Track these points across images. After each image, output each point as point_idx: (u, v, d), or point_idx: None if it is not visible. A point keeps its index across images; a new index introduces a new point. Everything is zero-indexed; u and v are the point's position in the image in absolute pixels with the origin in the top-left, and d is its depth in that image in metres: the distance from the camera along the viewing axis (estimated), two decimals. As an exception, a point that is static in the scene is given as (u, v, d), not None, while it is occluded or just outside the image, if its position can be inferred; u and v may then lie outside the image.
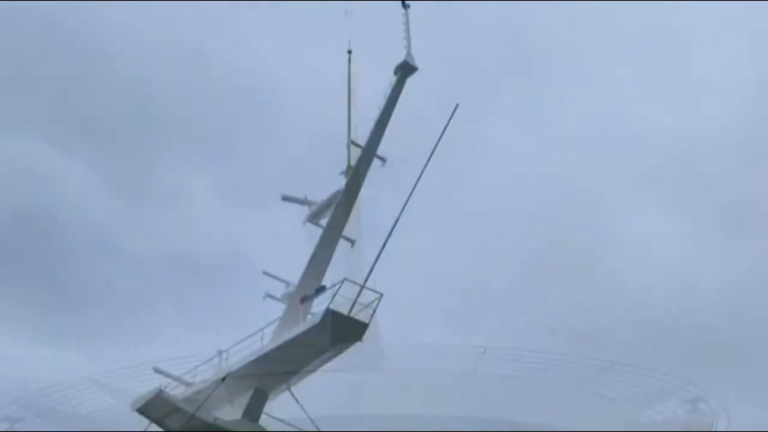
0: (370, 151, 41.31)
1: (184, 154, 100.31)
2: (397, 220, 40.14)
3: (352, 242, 42.92)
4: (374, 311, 39.26)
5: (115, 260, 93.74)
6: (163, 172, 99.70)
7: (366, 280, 39.23)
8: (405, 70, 40.22)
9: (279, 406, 42.55)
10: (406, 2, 40.01)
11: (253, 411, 41.21)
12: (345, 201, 42.01)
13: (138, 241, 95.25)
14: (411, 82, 40.49)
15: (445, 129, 41.50)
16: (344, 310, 38.84)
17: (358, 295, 38.97)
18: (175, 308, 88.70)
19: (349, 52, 43.71)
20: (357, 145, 41.81)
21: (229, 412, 41.50)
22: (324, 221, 42.77)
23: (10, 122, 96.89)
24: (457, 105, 41.84)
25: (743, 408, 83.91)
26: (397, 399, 76.26)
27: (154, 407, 41.19)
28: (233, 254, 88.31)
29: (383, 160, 41.58)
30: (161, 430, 41.83)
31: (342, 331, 39.21)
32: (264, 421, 41.89)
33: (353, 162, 41.96)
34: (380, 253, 39.83)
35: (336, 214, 42.12)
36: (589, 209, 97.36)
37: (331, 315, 38.56)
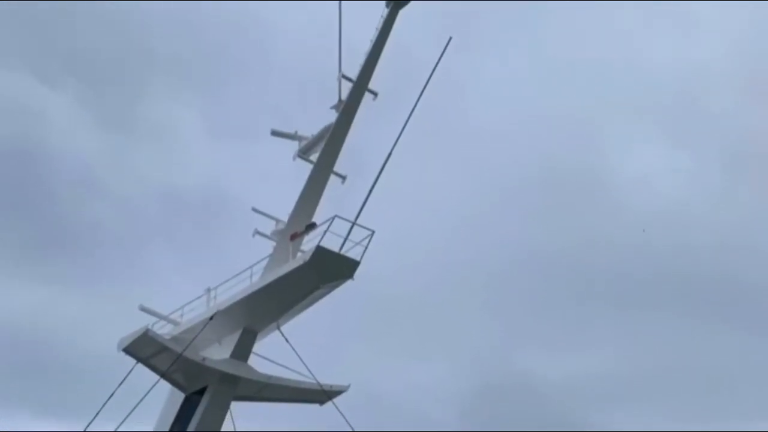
0: (361, 85, 40.48)
1: (171, 88, 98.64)
2: (389, 156, 39.54)
3: (344, 178, 42.23)
4: (365, 248, 38.64)
5: (102, 195, 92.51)
6: (150, 106, 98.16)
7: (357, 216, 38.56)
8: (396, 1, 39.29)
9: (268, 345, 42.12)
10: None
11: (242, 350, 40.64)
12: (336, 136, 41.15)
13: (124, 176, 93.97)
14: (403, 16, 39.52)
15: (437, 63, 40.86)
16: (335, 248, 38.23)
17: (349, 232, 38.27)
18: (162, 245, 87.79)
19: (341, -15, 42.66)
20: (348, 79, 40.93)
21: (218, 351, 41.00)
22: (314, 157, 42.02)
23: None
24: (450, 38, 41.26)
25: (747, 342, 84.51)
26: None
27: (140, 347, 40.51)
28: (222, 190, 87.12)
29: (375, 94, 40.85)
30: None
31: (332, 269, 38.58)
32: (253, 360, 41.48)
33: (344, 96, 41.11)
34: (372, 189, 39.22)
35: (327, 149, 41.30)
36: (585, 144, 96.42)
37: (321, 252, 37.92)
